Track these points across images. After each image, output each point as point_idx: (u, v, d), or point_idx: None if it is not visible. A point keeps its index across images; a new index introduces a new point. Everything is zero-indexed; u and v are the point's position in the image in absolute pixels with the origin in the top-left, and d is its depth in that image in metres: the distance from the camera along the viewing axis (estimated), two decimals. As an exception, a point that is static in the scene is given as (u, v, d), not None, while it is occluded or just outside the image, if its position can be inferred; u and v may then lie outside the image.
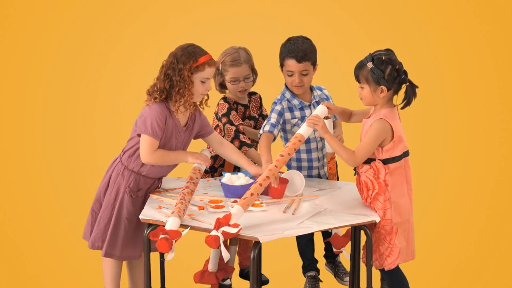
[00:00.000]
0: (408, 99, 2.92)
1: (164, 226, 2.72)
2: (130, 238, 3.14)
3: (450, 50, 5.10)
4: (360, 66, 2.94)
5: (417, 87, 2.92)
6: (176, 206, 2.83)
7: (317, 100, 3.41)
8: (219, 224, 2.66)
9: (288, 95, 3.39)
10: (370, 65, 2.88)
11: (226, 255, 2.68)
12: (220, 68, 3.47)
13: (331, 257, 3.59)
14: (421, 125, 5.02)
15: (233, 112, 3.47)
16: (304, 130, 3.04)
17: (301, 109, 3.39)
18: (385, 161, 2.91)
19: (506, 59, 5.04)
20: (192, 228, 2.76)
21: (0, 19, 5.09)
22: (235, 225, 2.66)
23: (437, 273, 4.06)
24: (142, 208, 3.10)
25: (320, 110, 3.10)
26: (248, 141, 3.40)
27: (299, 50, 3.26)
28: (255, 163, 3.31)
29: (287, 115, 3.40)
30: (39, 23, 5.10)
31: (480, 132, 5.01)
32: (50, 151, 5.00)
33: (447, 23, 5.11)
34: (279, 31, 5.06)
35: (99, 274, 3.30)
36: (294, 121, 3.39)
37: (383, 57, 2.88)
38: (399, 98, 2.96)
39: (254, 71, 3.52)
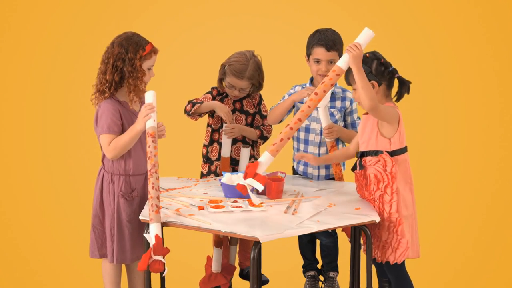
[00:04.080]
0: (400, 92, 2.95)
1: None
2: (136, 239, 3.13)
3: (450, 50, 5.10)
4: (348, 70, 2.98)
5: (409, 82, 2.95)
6: (150, 208, 2.78)
7: (332, 92, 3.41)
8: (246, 174, 2.72)
9: (308, 85, 3.42)
10: None
11: (255, 198, 2.78)
12: (225, 67, 3.48)
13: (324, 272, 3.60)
14: (421, 124, 5.02)
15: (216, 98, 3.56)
16: (342, 60, 2.89)
17: None
18: (393, 153, 2.93)
19: (506, 59, 5.04)
20: (192, 228, 2.76)
21: (0, 19, 5.09)
22: (262, 181, 2.73)
23: (438, 273, 4.06)
24: (140, 207, 3.10)
25: (366, 34, 2.93)
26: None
27: (329, 40, 3.31)
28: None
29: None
30: (39, 23, 5.10)
31: (480, 131, 5.01)
32: (50, 151, 5.00)
33: (447, 23, 5.11)
34: (279, 32, 5.08)
35: (99, 273, 3.30)
36: (300, 105, 3.42)
37: (367, 55, 2.95)
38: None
39: (255, 86, 3.52)
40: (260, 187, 2.79)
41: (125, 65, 3.00)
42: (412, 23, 5.10)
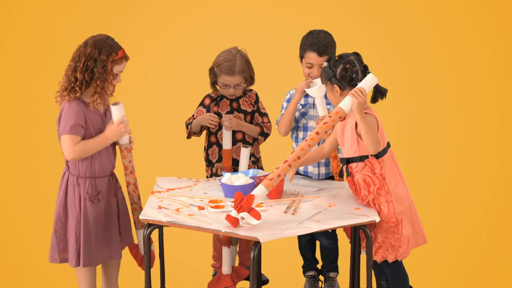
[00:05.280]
0: (374, 97, 2.95)
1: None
2: (101, 241, 3.10)
3: (450, 50, 5.10)
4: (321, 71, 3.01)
5: (386, 90, 2.93)
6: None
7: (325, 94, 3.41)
8: (240, 207, 2.65)
9: None
10: (324, 64, 2.96)
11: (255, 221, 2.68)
12: (214, 69, 3.49)
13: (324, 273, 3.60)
14: (421, 124, 5.02)
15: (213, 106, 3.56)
16: (345, 103, 2.86)
17: (306, 95, 3.42)
18: (378, 155, 2.93)
19: (506, 59, 5.04)
20: (192, 228, 2.76)
21: (0, 19, 5.09)
22: (257, 216, 2.65)
23: (438, 273, 4.06)
24: (106, 209, 3.09)
25: (370, 80, 2.88)
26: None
27: (321, 44, 3.30)
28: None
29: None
30: (39, 23, 5.10)
31: (480, 131, 5.01)
32: (50, 151, 4.99)
33: (447, 23, 5.11)
34: (278, 32, 5.08)
35: (99, 273, 3.30)
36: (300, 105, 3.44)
37: (336, 57, 2.95)
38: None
39: (247, 80, 3.52)
40: (256, 222, 2.68)
41: (96, 66, 2.99)
42: (412, 23, 5.10)
